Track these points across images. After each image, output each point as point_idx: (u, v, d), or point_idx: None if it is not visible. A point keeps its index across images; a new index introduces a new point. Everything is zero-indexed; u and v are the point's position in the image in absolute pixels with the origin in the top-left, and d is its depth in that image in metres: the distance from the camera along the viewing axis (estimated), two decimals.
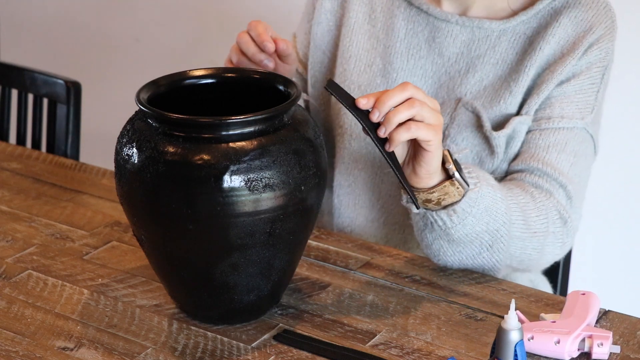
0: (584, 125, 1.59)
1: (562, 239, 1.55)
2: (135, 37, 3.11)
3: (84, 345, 1.37)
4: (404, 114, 1.32)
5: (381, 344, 1.37)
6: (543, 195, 1.54)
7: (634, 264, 2.59)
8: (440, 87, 1.65)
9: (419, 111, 1.32)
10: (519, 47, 1.61)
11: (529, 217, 1.50)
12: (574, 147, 1.58)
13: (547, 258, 1.57)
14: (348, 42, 1.70)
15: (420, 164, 1.37)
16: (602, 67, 1.60)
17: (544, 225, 1.51)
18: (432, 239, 1.47)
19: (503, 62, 1.62)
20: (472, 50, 1.63)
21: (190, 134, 1.29)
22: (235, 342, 1.38)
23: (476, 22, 1.62)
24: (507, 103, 1.59)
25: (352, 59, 1.69)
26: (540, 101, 1.59)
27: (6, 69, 2.18)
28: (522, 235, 1.49)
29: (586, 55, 1.58)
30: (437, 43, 1.64)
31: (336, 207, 1.72)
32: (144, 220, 1.34)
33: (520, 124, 1.58)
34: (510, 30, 1.62)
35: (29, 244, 1.60)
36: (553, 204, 1.54)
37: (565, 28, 1.59)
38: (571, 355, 1.34)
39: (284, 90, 1.40)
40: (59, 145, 2.09)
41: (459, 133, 1.61)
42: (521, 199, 1.51)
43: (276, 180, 1.30)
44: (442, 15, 1.63)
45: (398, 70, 1.66)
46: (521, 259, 1.53)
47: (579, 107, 1.59)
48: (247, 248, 1.32)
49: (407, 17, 1.66)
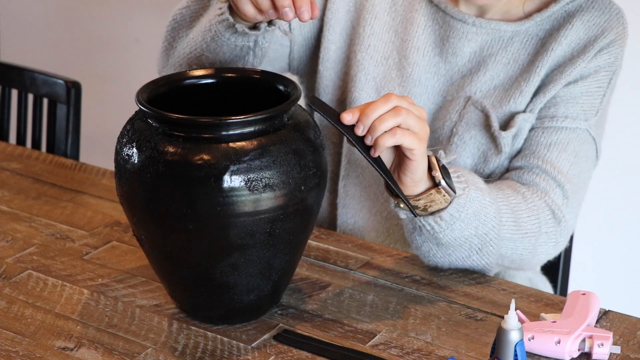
0: (587, 127, 1.59)
1: (556, 238, 1.56)
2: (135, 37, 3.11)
3: (84, 345, 1.37)
4: (390, 122, 1.32)
5: (381, 344, 1.37)
6: (536, 195, 1.54)
7: (633, 264, 2.59)
8: (452, 85, 1.66)
9: (405, 119, 1.33)
10: (531, 48, 1.62)
11: (520, 218, 1.50)
12: (575, 148, 1.58)
13: (540, 257, 1.57)
14: (370, 31, 1.68)
15: (405, 173, 1.37)
16: (610, 72, 1.61)
17: (535, 225, 1.52)
18: (422, 242, 1.47)
19: (515, 63, 1.62)
20: (485, 50, 1.64)
21: (190, 134, 1.29)
22: (235, 342, 1.38)
23: (492, 25, 1.62)
24: (517, 103, 1.60)
25: (370, 48, 1.68)
26: (546, 100, 1.59)
27: (6, 69, 2.18)
28: (512, 236, 1.50)
29: (596, 59, 1.59)
30: (451, 42, 1.64)
31: (341, 197, 1.72)
32: (143, 221, 1.34)
33: (524, 121, 1.59)
34: (523, 32, 1.63)
35: (29, 244, 1.60)
36: (547, 204, 1.54)
37: (577, 31, 1.60)
38: (571, 356, 1.34)
39: (284, 90, 1.40)
40: (59, 145, 2.09)
41: (467, 131, 1.61)
42: (512, 199, 1.51)
43: (276, 180, 1.30)
44: (459, 15, 1.63)
45: (413, 65, 1.66)
46: (512, 259, 1.54)
47: (584, 108, 1.59)
48: (247, 248, 1.32)
49: (427, 14, 1.66)
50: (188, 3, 1.67)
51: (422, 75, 1.66)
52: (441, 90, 1.66)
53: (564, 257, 1.86)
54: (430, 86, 1.66)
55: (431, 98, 1.66)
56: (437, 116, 1.65)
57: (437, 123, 1.64)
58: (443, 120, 1.64)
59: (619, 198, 2.54)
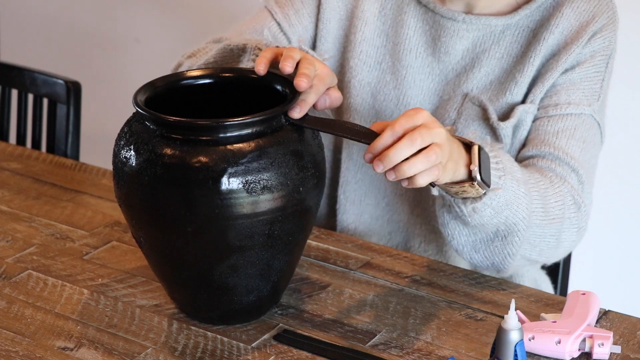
0: (591, 112, 1.60)
1: (578, 223, 1.56)
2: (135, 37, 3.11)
3: (84, 345, 1.37)
4: (419, 166, 1.30)
5: (381, 344, 1.37)
6: (558, 180, 1.54)
7: (633, 264, 2.59)
8: (447, 84, 1.66)
9: (435, 160, 1.30)
10: (523, 40, 1.63)
11: (548, 204, 1.50)
12: (583, 134, 1.59)
13: (564, 245, 1.56)
14: (361, 37, 1.69)
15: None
16: (605, 56, 1.62)
17: (560, 211, 1.52)
18: (449, 219, 1.47)
19: (508, 56, 1.63)
20: (477, 46, 1.64)
21: (188, 137, 1.29)
22: (235, 342, 1.38)
23: (482, 20, 1.63)
24: (513, 94, 1.61)
25: (362, 54, 1.69)
26: (545, 89, 1.60)
27: (6, 69, 2.18)
28: (541, 222, 1.49)
29: (590, 44, 1.60)
30: (443, 42, 1.65)
31: (341, 203, 1.72)
32: (142, 223, 1.34)
33: (525, 112, 1.60)
34: (514, 25, 1.63)
35: (29, 244, 1.60)
36: (567, 189, 1.54)
37: (568, 18, 1.60)
38: (572, 356, 1.34)
39: (281, 90, 1.40)
40: (59, 145, 2.09)
41: (467, 127, 1.62)
42: (542, 185, 1.51)
43: (274, 182, 1.29)
44: (449, 14, 1.64)
45: (407, 68, 1.67)
46: (540, 248, 1.52)
47: (585, 94, 1.60)
48: (246, 250, 1.32)
49: (416, 15, 1.67)
50: (215, 58, 1.58)
51: (416, 77, 1.66)
52: (437, 90, 1.66)
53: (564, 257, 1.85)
54: (425, 87, 1.67)
55: (427, 99, 1.67)
56: (435, 116, 1.65)
57: None
58: (442, 120, 1.64)
59: (619, 198, 2.54)
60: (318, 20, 1.71)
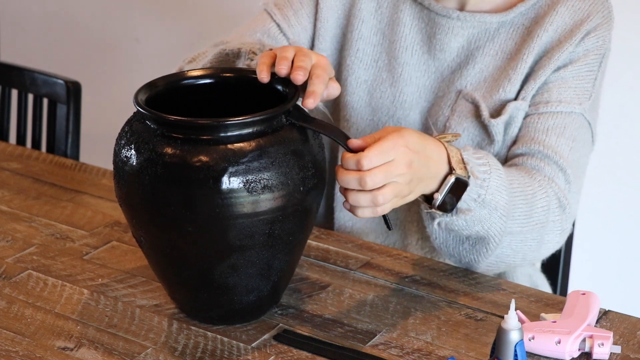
0: (581, 111, 1.60)
1: (562, 225, 1.55)
2: (135, 37, 3.11)
3: (84, 345, 1.37)
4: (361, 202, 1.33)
5: (381, 344, 1.37)
6: (546, 182, 1.54)
7: (633, 264, 2.59)
8: (442, 81, 1.67)
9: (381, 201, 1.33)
10: (517, 38, 1.64)
11: (534, 209, 1.50)
12: (573, 132, 1.59)
13: (547, 247, 1.56)
14: (357, 35, 1.70)
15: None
16: (599, 55, 1.62)
17: (545, 215, 1.52)
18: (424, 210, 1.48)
19: (502, 53, 1.64)
20: (472, 43, 1.65)
21: (188, 136, 1.29)
22: (235, 342, 1.38)
23: (477, 17, 1.64)
24: (506, 91, 1.61)
25: (359, 52, 1.70)
26: (537, 87, 1.61)
27: (6, 69, 2.18)
28: (522, 229, 1.50)
29: (583, 42, 1.60)
30: (438, 39, 1.65)
31: (338, 201, 1.72)
32: (142, 222, 1.34)
33: (517, 109, 1.60)
34: (509, 22, 1.64)
35: (29, 244, 1.60)
36: (554, 191, 1.54)
37: (562, 16, 1.61)
38: (572, 356, 1.34)
39: (282, 90, 1.40)
40: (59, 145, 2.09)
41: (459, 124, 1.62)
42: (529, 190, 1.50)
43: (275, 182, 1.30)
44: (443, 11, 1.64)
45: (403, 65, 1.67)
46: (523, 252, 1.53)
47: (577, 92, 1.60)
48: (246, 249, 1.32)
49: (412, 13, 1.68)
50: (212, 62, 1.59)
51: (412, 75, 1.67)
52: (432, 87, 1.67)
53: (564, 257, 1.86)
54: (421, 84, 1.67)
55: (423, 96, 1.67)
56: (429, 113, 1.66)
57: (430, 119, 1.66)
58: (436, 117, 1.65)
59: (619, 198, 2.54)
60: (316, 20, 1.73)
